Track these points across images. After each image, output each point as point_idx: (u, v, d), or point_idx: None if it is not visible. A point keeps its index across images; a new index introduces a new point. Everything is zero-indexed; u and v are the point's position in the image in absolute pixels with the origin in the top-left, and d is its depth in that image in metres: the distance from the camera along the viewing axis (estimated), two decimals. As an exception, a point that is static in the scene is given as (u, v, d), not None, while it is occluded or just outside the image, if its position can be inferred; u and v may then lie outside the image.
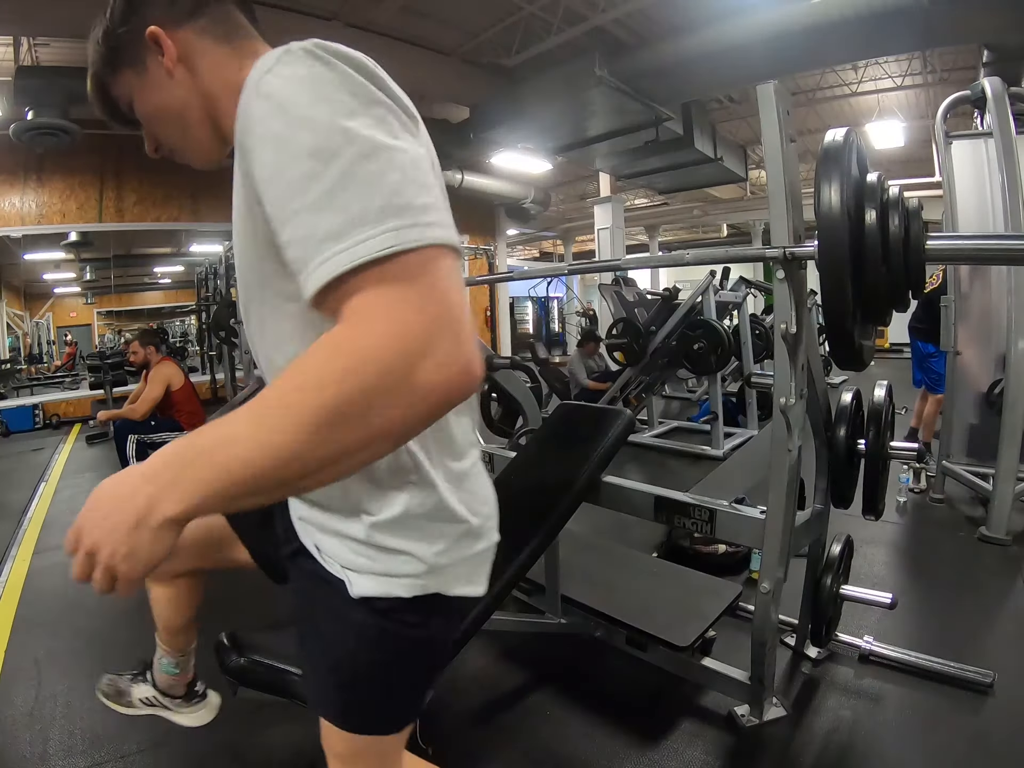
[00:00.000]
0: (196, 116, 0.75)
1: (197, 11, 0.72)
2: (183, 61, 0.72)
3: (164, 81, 0.73)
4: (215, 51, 0.72)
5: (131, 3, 0.74)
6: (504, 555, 1.44)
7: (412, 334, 0.47)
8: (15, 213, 7.04)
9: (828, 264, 1.17)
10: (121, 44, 0.75)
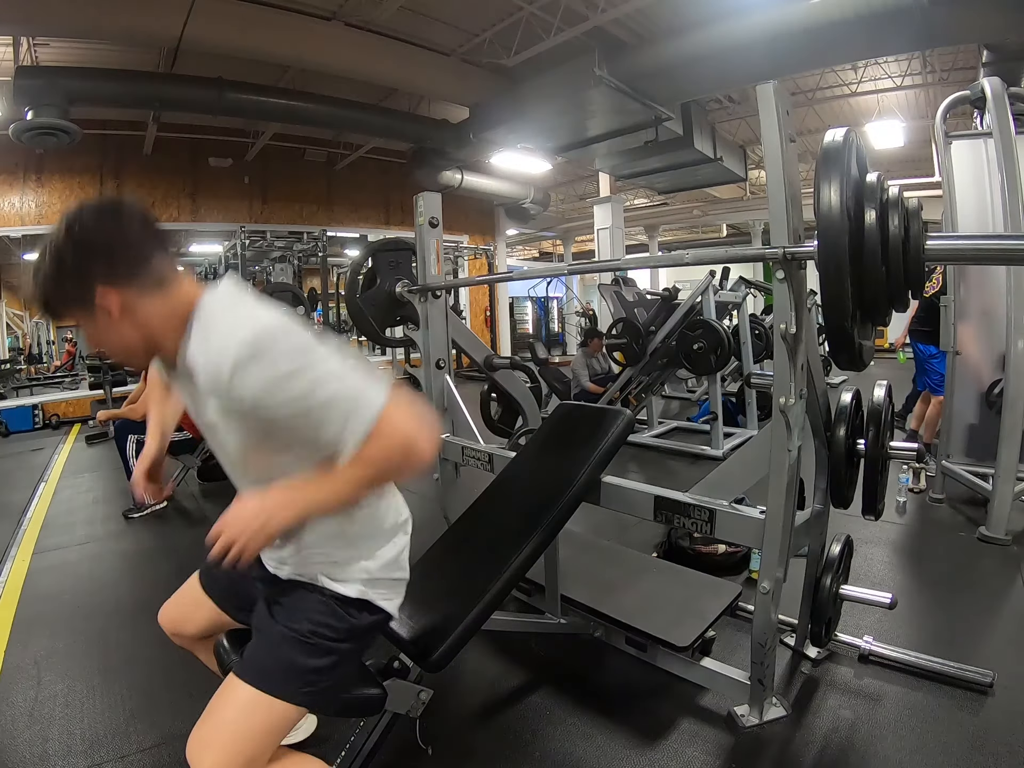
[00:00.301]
0: (135, 344, 0.94)
1: (134, 275, 0.90)
2: (125, 312, 0.90)
3: (110, 323, 0.91)
4: (151, 299, 0.91)
5: (80, 260, 0.88)
6: (504, 555, 1.46)
7: (393, 448, 0.91)
8: (15, 213, 7.05)
9: (828, 264, 1.17)
10: (71, 293, 0.90)
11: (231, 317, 0.90)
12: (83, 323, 0.93)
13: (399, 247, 2.54)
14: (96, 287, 0.87)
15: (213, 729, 0.97)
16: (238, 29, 4.92)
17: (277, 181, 8.87)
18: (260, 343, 0.85)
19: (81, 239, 0.87)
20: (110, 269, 0.89)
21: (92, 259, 0.88)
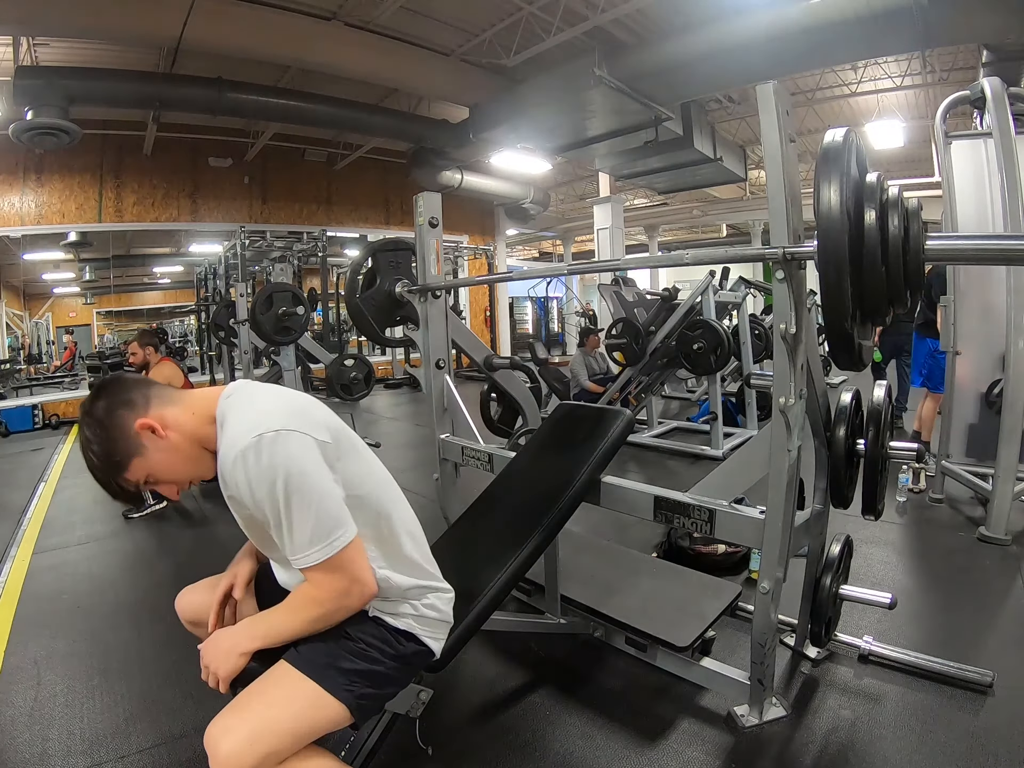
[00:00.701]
0: (195, 450, 1.08)
1: (149, 402, 1.06)
2: (167, 427, 1.05)
3: (165, 445, 1.05)
4: (172, 410, 1.07)
5: (117, 426, 1.05)
6: (504, 555, 1.46)
7: (342, 591, 1.03)
8: (14, 213, 7.05)
9: (827, 264, 1.17)
10: (121, 451, 1.04)
11: (246, 408, 1.04)
12: (150, 467, 1.06)
13: (399, 247, 2.54)
14: (133, 422, 1.03)
15: (240, 716, 0.98)
16: (238, 29, 4.93)
17: (277, 181, 8.87)
18: (259, 447, 0.96)
19: (103, 408, 1.05)
20: (134, 408, 1.05)
21: (121, 408, 1.05)
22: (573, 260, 15.07)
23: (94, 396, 1.07)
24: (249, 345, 4.91)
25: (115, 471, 1.06)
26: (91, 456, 1.07)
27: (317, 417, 1.07)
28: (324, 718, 1.02)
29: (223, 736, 0.95)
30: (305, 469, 0.98)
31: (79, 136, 5.40)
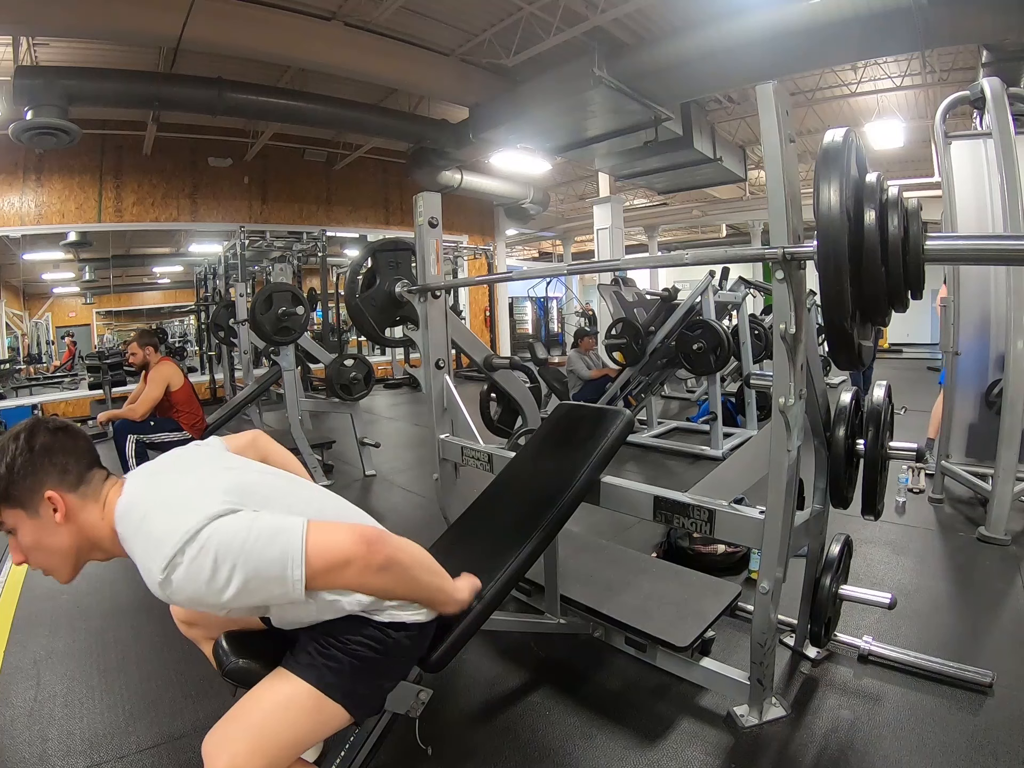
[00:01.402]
0: (69, 553, 1.02)
1: (80, 483, 1.00)
2: (69, 518, 0.99)
3: (53, 529, 0.98)
4: (89, 507, 1.01)
5: (34, 464, 0.97)
6: (503, 555, 1.45)
7: (359, 554, 0.97)
8: (14, 213, 7.04)
9: (827, 264, 1.17)
10: (20, 492, 0.96)
11: (142, 539, 0.95)
12: (24, 528, 0.98)
13: (399, 247, 2.54)
14: (47, 487, 0.97)
15: (238, 726, 0.97)
16: (238, 29, 4.93)
17: (277, 181, 8.87)
18: (172, 564, 0.89)
19: (40, 445, 0.98)
20: (63, 475, 0.99)
21: (48, 462, 0.98)
22: (573, 260, 15.07)
23: (47, 428, 1.00)
24: (249, 345, 4.91)
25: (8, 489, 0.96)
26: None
27: (210, 496, 0.96)
28: (323, 721, 1.02)
29: (222, 748, 0.94)
30: (232, 544, 0.91)
31: (79, 136, 5.40)
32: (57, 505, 0.97)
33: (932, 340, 11.83)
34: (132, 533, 0.97)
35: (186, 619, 1.32)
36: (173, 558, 0.88)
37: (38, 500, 0.97)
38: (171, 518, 0.92)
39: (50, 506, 0.97)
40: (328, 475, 4.14)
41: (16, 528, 0.98)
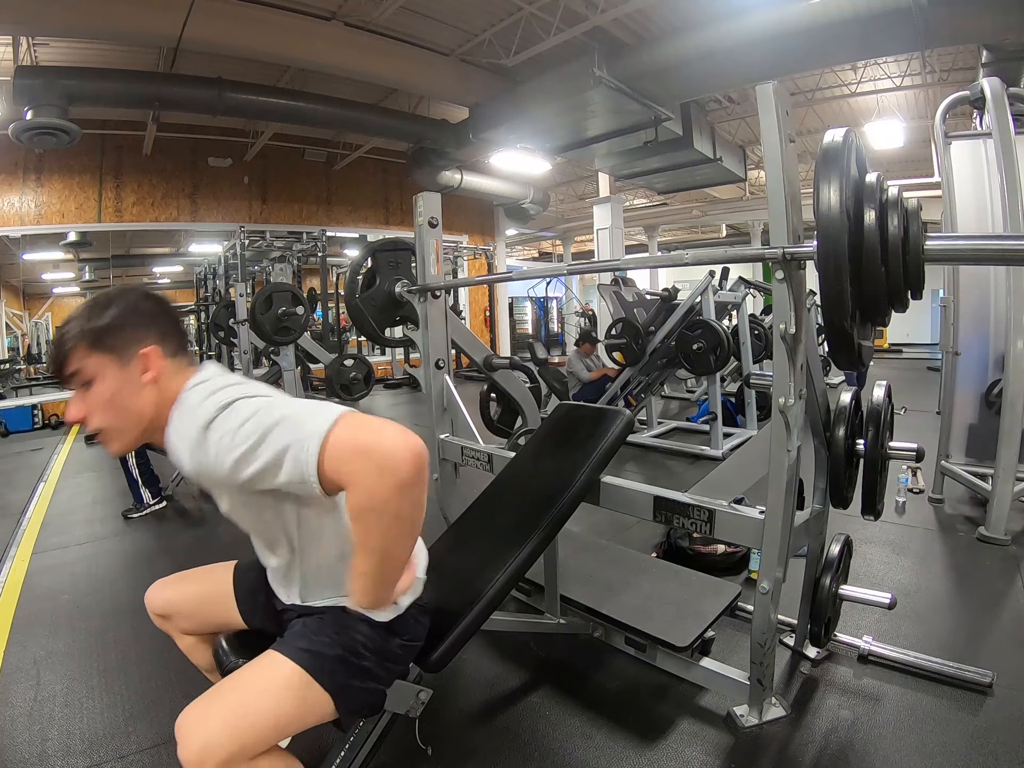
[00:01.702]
0: (141, 419, 0.97)
1: (176, 354, 0.99)
2: (156, 381, 0.96)
3: (137, 387, 0.95)
4: (175, 379, 0.97)
5: (137, 319, 0.97)
6: (503, 555, 1.46)
7: (375, 470, 0.83)
8: (14, 213, 7.04)
9: (827, 264, 1.17)
10: (116, 341, 0.94)
11: (188, 417, 0.91)
12: (105, 380, 0.94)
13: (398, 247, 2.54)
14: (147, 343, 0.95)
15: (216, 704, 0.95)
16: (238, 29, 4.93)
17: (277, 181, 8.87)
18: (205, 431, 0.86)
19: (146, 306, 0.98)
20: (155, 325, 0.98)
21: (152, 322, 0.98)
22: (573, 260, 15.07)
23: (155, 298, 1.00)
24: (249, 345, 4.91)
25: (82, 344, 0.92)
26: (85, 313, 0.94)
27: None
28: (306, 708, 0.99)
29: (197, 726, 0.91)
30: (259, 402, 0.88)
31: (79, 136, 5.40)
32: (151, 364, 0.95)
33: (932, 340, 11.84)
34: (190, 395, 0.94)
35: (161, 612, 1.29)
36: (214, 417, 0.86)
37: (132, 353, 0.94)
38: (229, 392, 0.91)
39: (142, 363, 0.95)
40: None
41: (95, 379, 0.93)
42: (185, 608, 1.28)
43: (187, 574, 1.32)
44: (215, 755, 0.88)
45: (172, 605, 1.28)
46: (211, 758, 0.88)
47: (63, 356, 0.93)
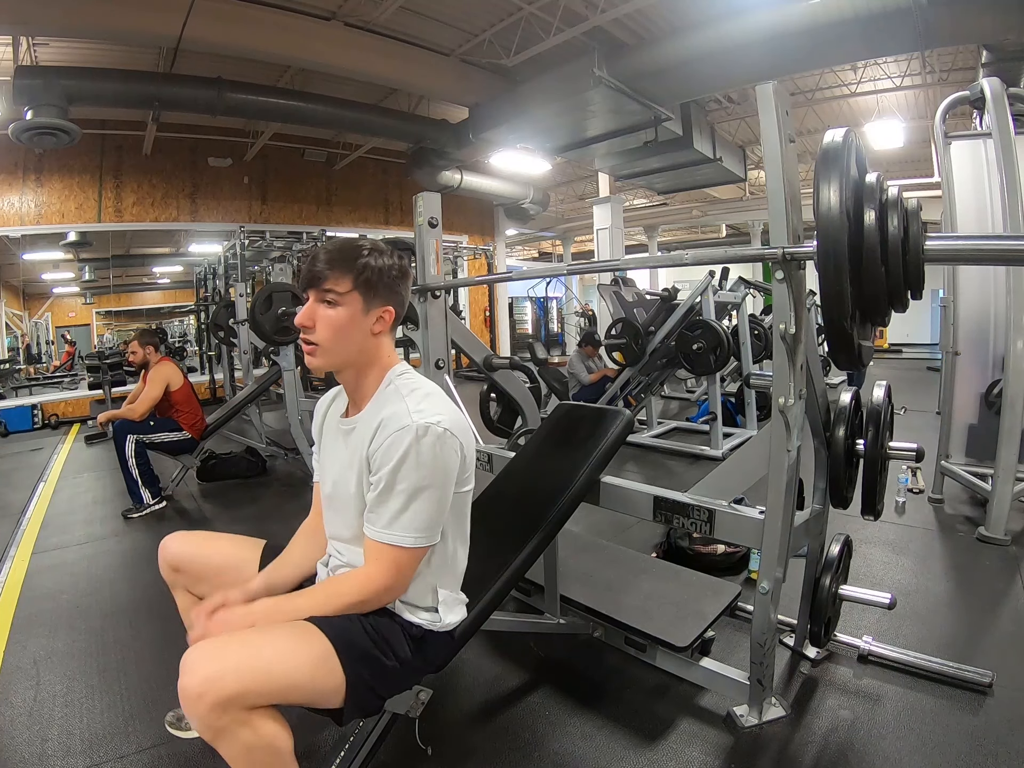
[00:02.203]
0: (349, 355, 1.12)
1: (399, 323, 1.18)
2: (378, 335, 1.13)
3: (363, 330, 1.11)
4: (386, 345, 1.16)
5: (399, 283, 1.15)
6: (503, 555, 1.46)
7: (388, 587, 1.08)
8: (14, 213, 7.04)
9: (827, 264, 1.17)
10: (379, 289, 1.11)
11: (424, 400, 1.10)
12: (345, 311, 1.08)
13: (398, 247, 2.54)
14: (390, 304, 1.13)
15: (235, 645, 0.95)
16: (238, 29, 4.93)
17: (276, 181, 8.87)
18: (431, 432, 1.04)
19: (407, 282, 1.17)
20: (403, 298, 1.17)
21: (405, 292, 1.17)
22: (573, 260, 15.07)
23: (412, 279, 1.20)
24: (249, 345, 4.91)
25: (352, 275, 1.08)
26: (374, 251, 1.11)
27: (469, 437, 1.16)
28: (318, 681, 1.00)
29: (210, 656, 0.91)
30: (449, 472, 1.08)
31: (78, 136, 5.40)
32: (385, 321, 1.13)
33: (932, 340, 11.84)
34: (414, 384, 1.14)
35: (174, 563, 1.29)
36: (444, 427, 1.06)
37: (378, 305, 1.11)
38: (453, 412, 1.12)
39: (378, 316, 1.12)
40: (328, 475, 4.13)
41: (340, 305, 1.08)
42: (200, 568, 1.28)
43: (213, 535, 1.33)
44: (218, 689, 0.87)
45: (187, 560, 1.27)
46: (213, 690, 0.87)
47: (329, 271, 1.08)
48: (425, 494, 1.05)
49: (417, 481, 1.04)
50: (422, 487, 1.04)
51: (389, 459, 1.04)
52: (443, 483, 1.07)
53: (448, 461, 1.07)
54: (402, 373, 1.16)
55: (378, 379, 1.15)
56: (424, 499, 1.05)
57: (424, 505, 1.05)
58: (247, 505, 3.73)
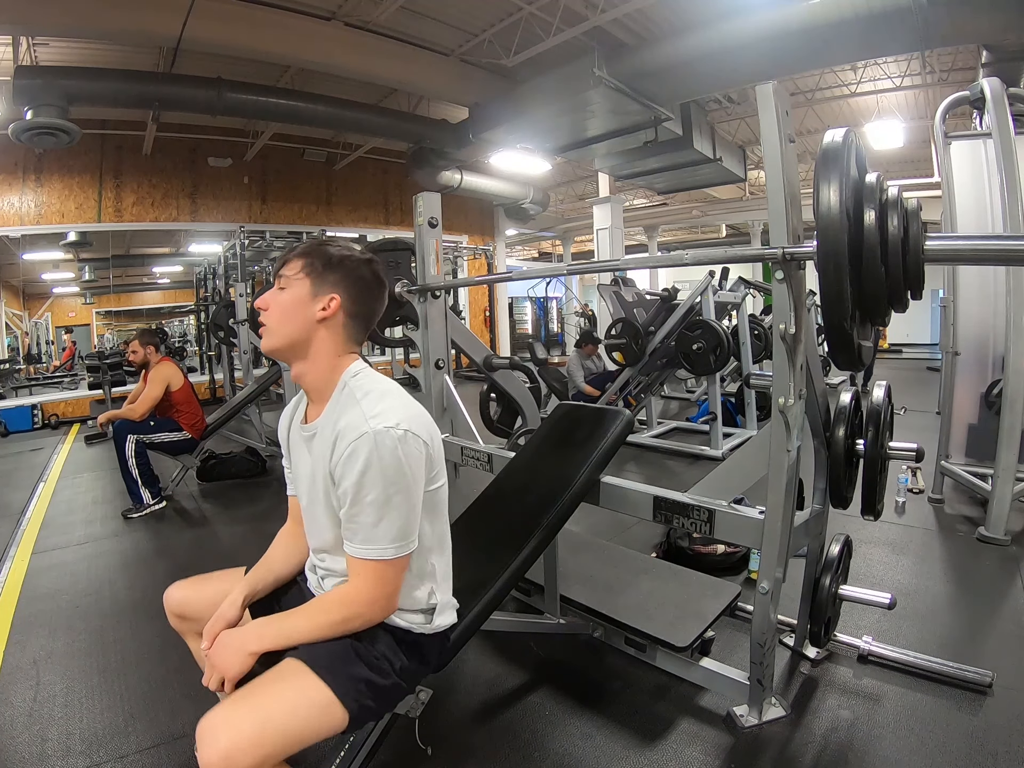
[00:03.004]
0: (292, 336, 1.11)
1: (354, 327, 1.15)
2: (323, 322, 1.11)
3: (309, 314, 1.10)
4: (338, 339, 1.13)
5: (354, 277, 1.13)
6: (503, 555, 1.46)
7: (373, 600, 1.07)
8: (14, 213, 7.04)
9: (827, 264, 1.17)
10: (328, 274, 1.11)
11: (380, 401, 1.07)
12: (293, 292, 1.10)
13: (398, 247, 2.54)
14: (335, 293, 1.11)
15: (246, 708, 0.95)
16: (238, 29, 4.93)
17: (276, 181, 8.87)
18: (389, 436, 1.01)
19: (374, 288, 1.16)
20: (361, 296, 1.14)
21: (359, 287, 1.14)
22: (573, 260, 15.07)
23: (378, 278, 1.17)
24: (249, 345, 4.91)
25: (301, 261, 1.12)
26: (331, 244, 1.15)
27: (433, 430, 1.13)
28: (326, 725, 1.00)
29: (224, 728, 0.91)
30: (415, 474, 1.05)
31: (78, 136, 5.40)
32: (330, 309, 1.10)
33: (932, 340, 11.84)
34: (369, 385, 1.11)
35: (178, 611, 1.30)
36: (403, 428, 1.03)
37: (325, 292, 1.11)
38: (411, 407, 1.10)
39: (325, 303, 1.10)
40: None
41: (289, 288, 1.11)
42: (200, 609, 1.28)
43: (204, 576, 1.34)
44: (239, 763, 0.89)
45: (188, 605, 1.28)
46: (234, 766, 0.89)
47: (289, 259, 1.13)
48: (395, 501, 1.02)
49: (384, 489, 1.01)
50: (390, 495, 1.01)
51: (351, 471, 1.01)
52: (411, 487, 1.05)
53: (412, 463, 1.04)
54: (356, 374, 1.13)
55: (332, 379, 1.12)
56: (395, 506, 1.02)
57: (396, 513, 1.03)
58: (247, 505, 3.73)
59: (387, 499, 1.01)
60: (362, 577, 1.05)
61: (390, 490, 1.01)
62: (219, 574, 1.34)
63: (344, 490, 1.03)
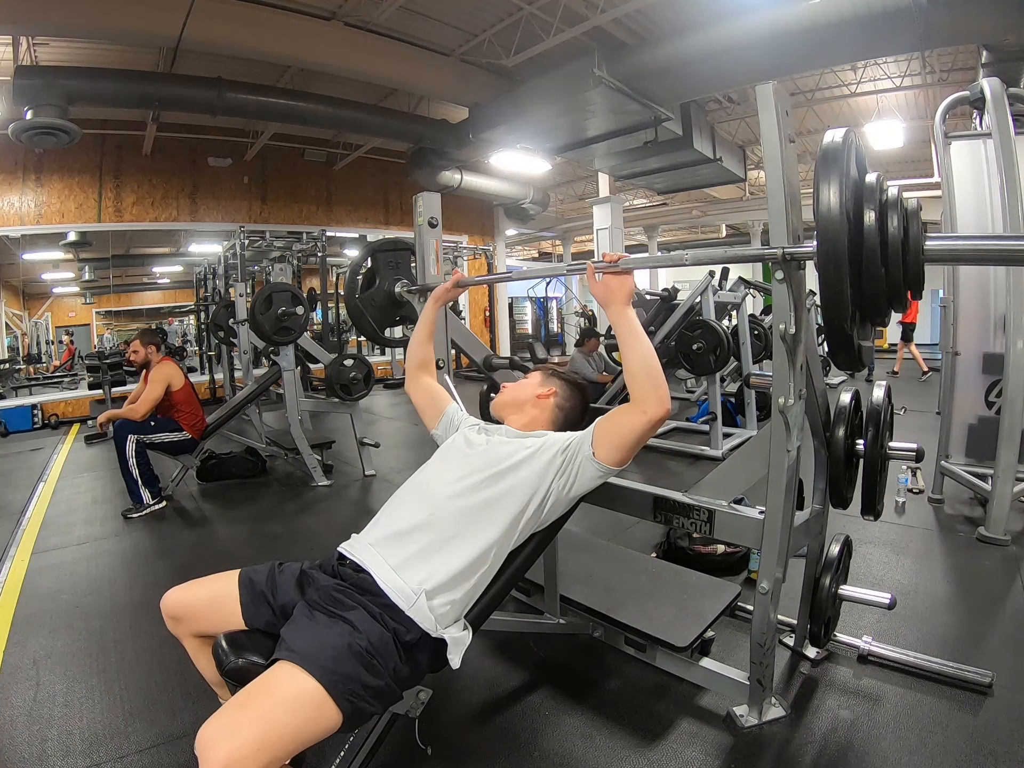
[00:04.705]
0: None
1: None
2: (543, 403, 1.71)
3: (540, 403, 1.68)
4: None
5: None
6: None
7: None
8: (14, 213, 7.04)
9: (827, 265, 1.17)
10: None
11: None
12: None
13: (398, 247, 2.54)
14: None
15: (245, 716, 0.95)
16: (238, 29, 4.93)
17: (276, 181, 8.87)
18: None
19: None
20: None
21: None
22: (573, 260, 15.06)
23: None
24: (249, 345, 4.91)
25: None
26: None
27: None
28: (322, 726, 1.00)
29: (225, 738, 0.91)
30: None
31: (78, 136, 5.40)
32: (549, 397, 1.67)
33: (932, 340, 11.83)
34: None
35: (173, 614, 1.30)
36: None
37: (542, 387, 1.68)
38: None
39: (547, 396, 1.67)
40: (328, 475, 4.14)
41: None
42: (194, 610, 1.29)
43: (199, 580, 1.34)
44: None
45: (182, 607, 1.29)
46: None
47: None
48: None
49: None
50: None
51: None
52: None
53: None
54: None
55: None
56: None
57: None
58: (247, 505, 3.73)
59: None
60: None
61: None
62: (213, 577, 1.34)
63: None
